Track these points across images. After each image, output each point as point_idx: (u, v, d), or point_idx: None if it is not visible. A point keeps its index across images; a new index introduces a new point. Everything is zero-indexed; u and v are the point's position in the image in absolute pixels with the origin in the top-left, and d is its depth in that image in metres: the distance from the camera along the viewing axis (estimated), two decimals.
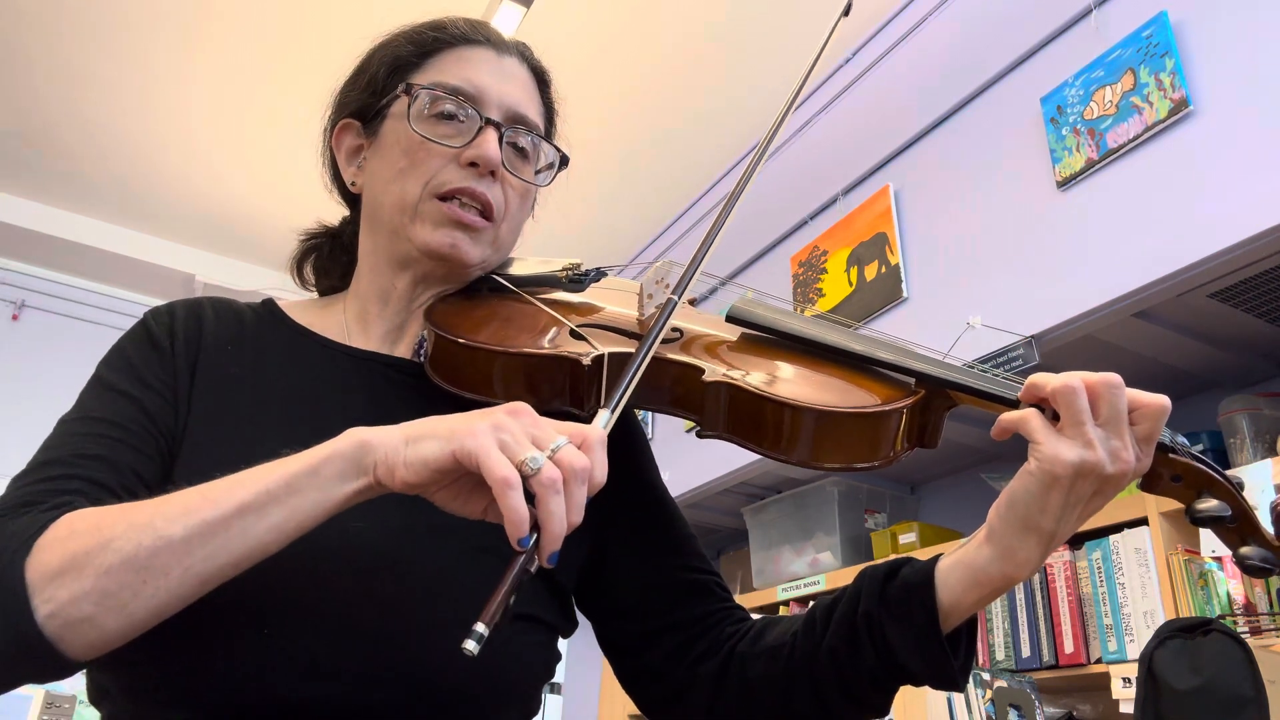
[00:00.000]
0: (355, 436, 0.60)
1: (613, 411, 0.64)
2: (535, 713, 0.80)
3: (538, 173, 0.91)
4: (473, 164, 0.83)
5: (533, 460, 0.56)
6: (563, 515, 0.55)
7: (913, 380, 0.75)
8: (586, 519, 0.58)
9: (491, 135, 0.84)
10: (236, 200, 4.01)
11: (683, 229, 3.77)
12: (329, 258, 0.99)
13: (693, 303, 0.94)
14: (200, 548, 0.57)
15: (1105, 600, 1.93)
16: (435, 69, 0.87)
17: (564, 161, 0.93)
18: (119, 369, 0.77)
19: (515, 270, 0.92)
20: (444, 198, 0.83)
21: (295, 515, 0.59)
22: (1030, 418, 0.65)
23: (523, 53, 0.93)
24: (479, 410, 0.61)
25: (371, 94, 0.89)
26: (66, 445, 0.71)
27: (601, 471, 0.59)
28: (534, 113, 0.90)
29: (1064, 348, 2.05)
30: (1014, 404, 0.68)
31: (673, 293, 0.76)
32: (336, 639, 0.67)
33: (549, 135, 0.94)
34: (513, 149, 0.87)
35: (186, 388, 0.77)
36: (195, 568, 0.58)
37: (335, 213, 1.00)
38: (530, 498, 0.55)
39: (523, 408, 0.61)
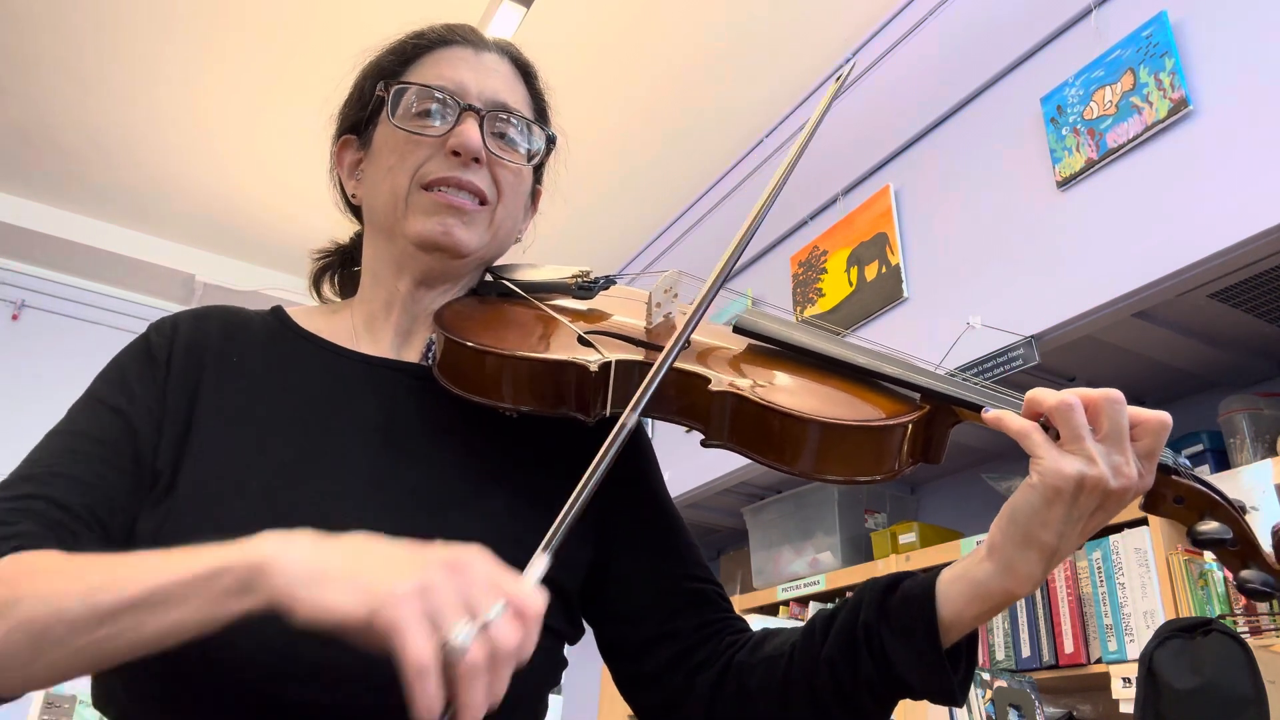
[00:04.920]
0: (256, 554, 0.54)
1: (551, 554, 0.57)
2: (542, 717, 0.80)
3: (529, 159, 0.91)
4: (456, 153, 0.84)
5: (459, 643, 0.48)
6: (482, 704, 0.49)
7: (918, 395, 0.75)
8: (590, 525, 0.57)
9: (471, 122, 0.85)
10: (237, 200, 4.01)
11: (680, 231, 3.77)
12: (343, 274, 1.01)
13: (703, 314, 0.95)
14: (90, 631, 0.56)
15: (1105, 600, 1.93)
16: (416, 72, 0.89)
17: (551, 142, 0.93)
18: (112, 382, 0.78)
19: (525, 276, 0.93)
20: (430, 187, 0.84)
21: (180, 625, 0.55)
22: (1032, 432, 0.65)
23: (503, 48, 0.94)
24: (406, 555, 0.53)
25: (361, 107, 0.92)
26: (44, 462, 0.72)
27: (530, 647, 0.52)
28: (517, 101, 0.91)
29: (1064, 348, 2.05)
30: None
31: (678, 333, 0.73)
32: (340, 646, 0.67)
33: (537, 122, 0.95)
34: (499, 137, 0.88)
35: (185, 403, 0.78)
36: (88, 649, 0.56)
37: (335, 214, 1.01)
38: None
39: (466, 560, 0.53)
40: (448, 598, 0.50)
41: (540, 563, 0.56)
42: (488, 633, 0.49)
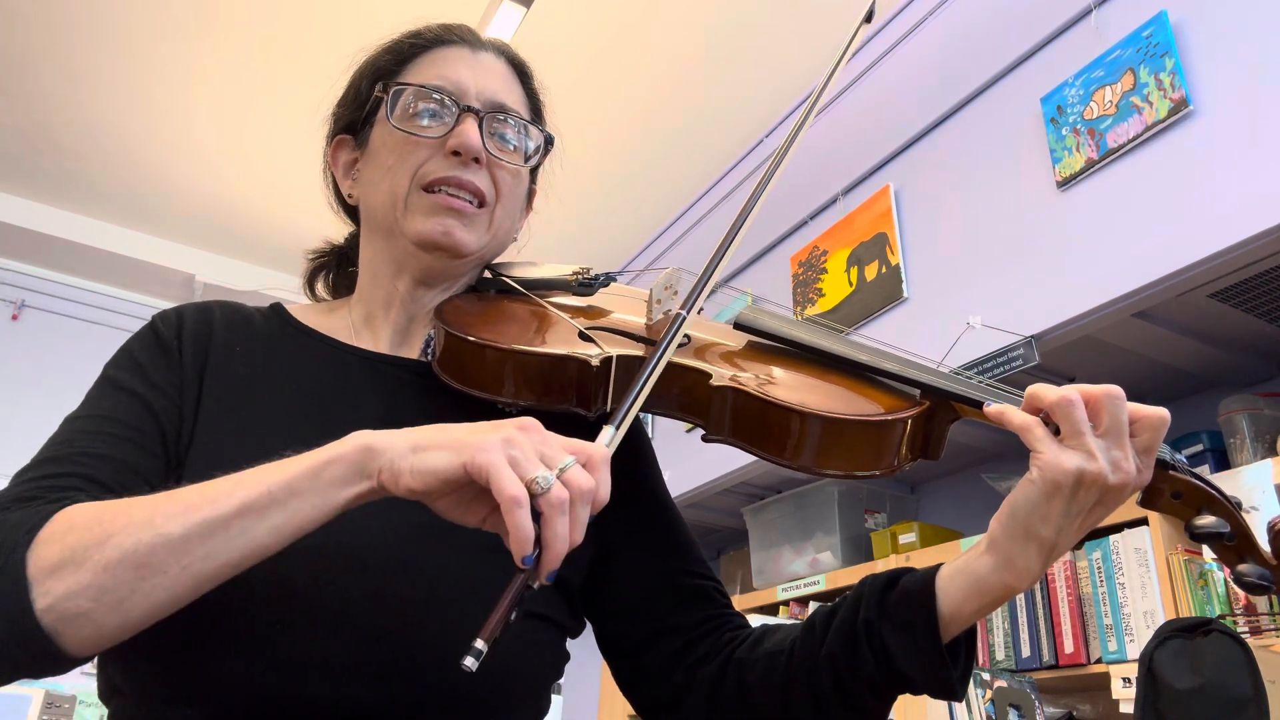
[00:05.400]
0: (359, 440, 0.60)
1: (618, 428, 0.64)
2: (545, 712, 0.80)
3: (526, 159, 0.91)
4: (456, 153, 0.84)
5: (543, 479, 0.56)
6: (567, 535, 0.56)
7: (918, 392, 0.76)
8: (591, 521, 0.58)
9: (471, 123, 0.85)
10: (236, 200, 4.01)
11: (681, 230, 3.77)
12: (337, 273, 1.01)
13: (700, 310, 0.95)
14: (199, 547, 0.57)
15: (1105, 600, 1.93)
16: (413, 72, 0.89)
17: (549, 143, 0.94)
18: (126, 368, 0.78)
19: (525, 273, 0.93)
20: (430, 188, 0.84)
21: (295, 518, 0.59)
22: (1033, 426, 0.65)
23: (499, 48, 0.94)
24: (488, 423, 0.60)
25: (358, 107, 0.92)
26: (69, 443, 0.71)
27: (605, 490, 0.59)
28: (515, 101, 0.91)
29: (1064, 348, 2.05)
30: None
31: (681, 308, 0.76)
32: (347, 638, 0.68)
33: (534, 122, 0.95)
34: (497, 138, 0.88)
35: (194, 390, 0.78)
36: (193, 566, 0.57)
37: (332, 214, 1.01)
38: (535, 515, 0.55)
39: (532, 423, 0.60)
40: (527, 449, 0.58)
41: (607, 433, 0.63)
42: (565, 476, 0.57)
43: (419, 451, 0.59)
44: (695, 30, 3.06)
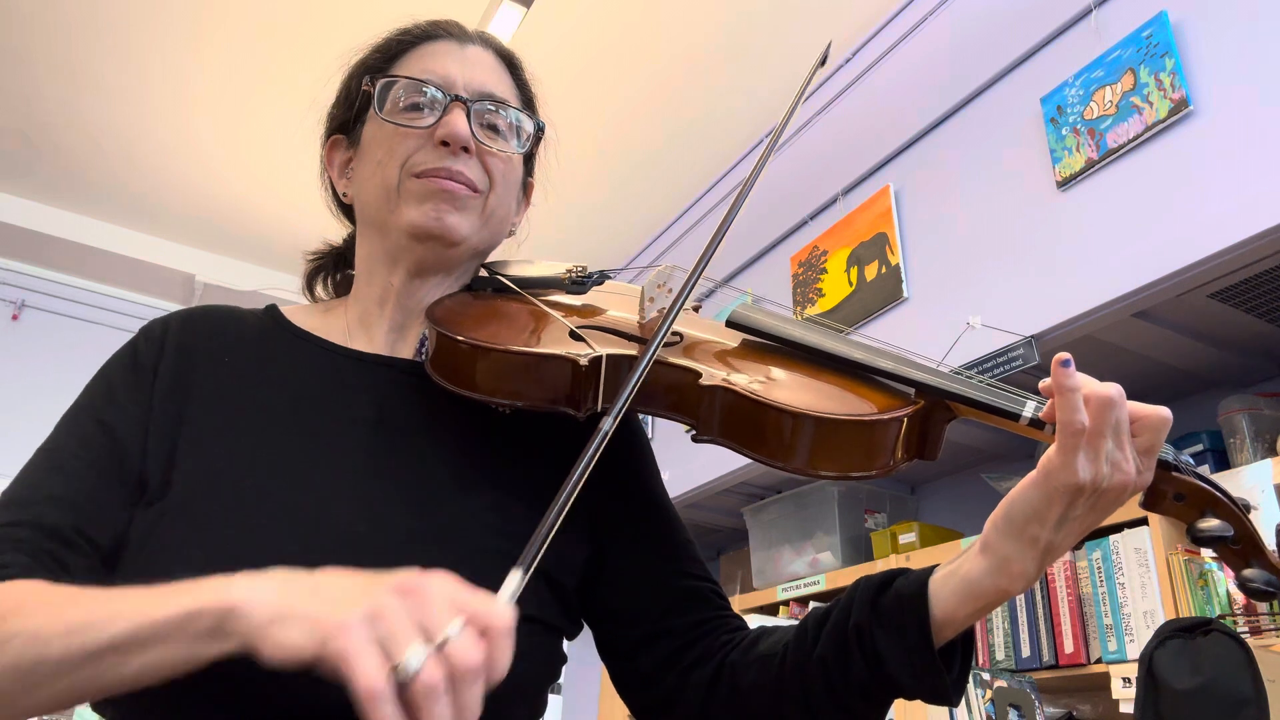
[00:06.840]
0: (226, 598, 0.54)
1: (525, 573, 0.54)
2: (541, 713, 0.80)
3: (519, 147, 0.91)
4: (445, 143, 0.84)
5: (402, 668, 0.47)
6: None
7: (913, 390, 0.74)
8: (585, 523, 0.57)
9: (459, 112, 0.85)
10: (236, 200, 4.01)
11: (682, 229, 3.77)
12: (336, 273, 1.01)
13: (695, 309, 0.94)
14: (76, 671, 0.57)
15: (1105, 600, 1.93)
16: (401, 67, 0.89)
17: (539, 130, 0.93)
18: (98, 395, 0.79)
19: (519, 271, 0.92)
20: (420, 177, 0.84)
21: (161, 665, 0.56)
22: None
23: (486, 40, 0.94)
24: (367, 582, 0.53)
25: (349, 106, 0.92)
26: (30, 482, 0.72)
27: (503, 663, 0.50)
28: (504, 91, 0.91)
29: (1064, 348, 2.04)
30: (1016, 417, 0.68)
31: (668, 311, 0.75)
32: None
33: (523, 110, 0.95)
34: (487, 127, 0.88)
35: (174, 406, 0.78)
36: (77, 686, 0.57)
37: (332, 214, 1.01)
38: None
39: (417, 583, 0.51)
40: (399, 622, 0.49)
41: (514, 579, 0.53)
42: (444, 652, 0.48)
43: (277, 624, 0.52)
44: (695, 30, 3.06)
